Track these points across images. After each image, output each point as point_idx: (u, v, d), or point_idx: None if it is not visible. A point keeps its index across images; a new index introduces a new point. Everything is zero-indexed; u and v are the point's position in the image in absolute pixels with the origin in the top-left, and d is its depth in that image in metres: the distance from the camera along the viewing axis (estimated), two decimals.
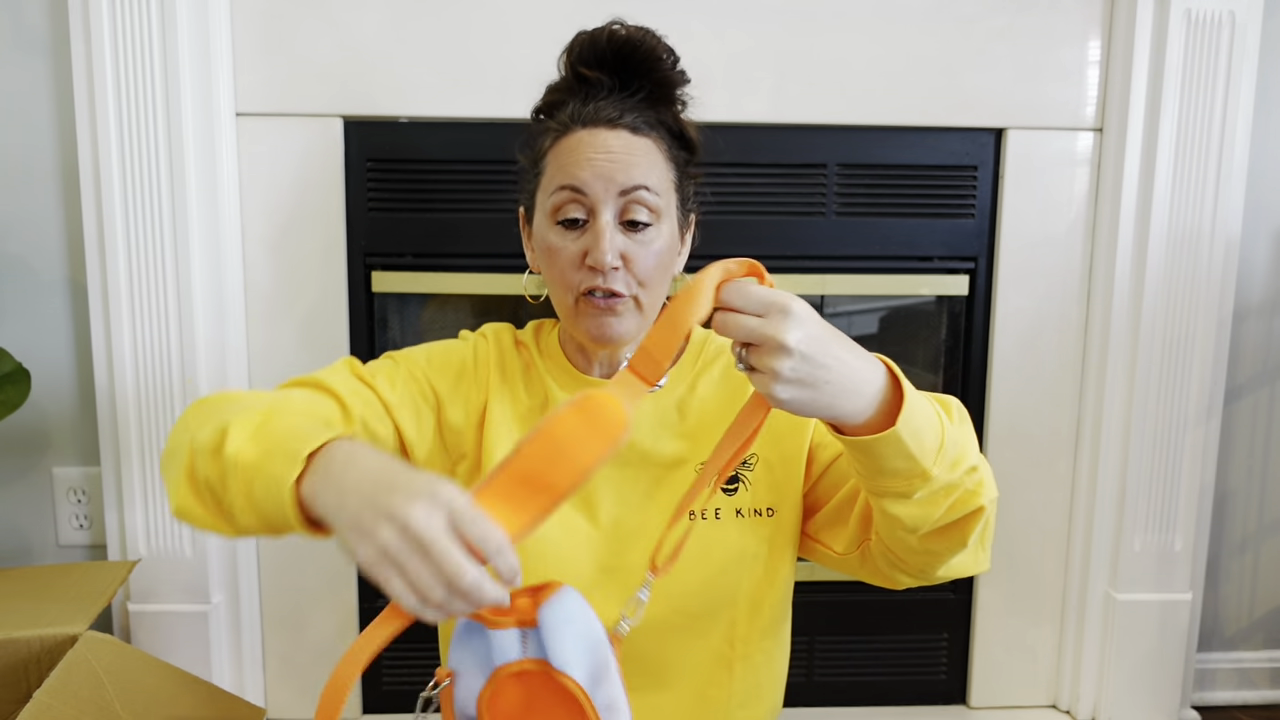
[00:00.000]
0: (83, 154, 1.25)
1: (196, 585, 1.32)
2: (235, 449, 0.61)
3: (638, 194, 0.77)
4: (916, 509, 0.66)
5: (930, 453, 0.63)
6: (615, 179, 0.76)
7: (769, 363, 0.59)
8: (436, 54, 1.29)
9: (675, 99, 0.84)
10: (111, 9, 1.20)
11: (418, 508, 0.51)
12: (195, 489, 0.64)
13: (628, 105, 0.80)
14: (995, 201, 1.39)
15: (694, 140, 0.85)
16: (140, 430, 1.28)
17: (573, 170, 0.77)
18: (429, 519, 0.51)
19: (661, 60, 0.81)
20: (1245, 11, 1.29)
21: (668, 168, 0.81)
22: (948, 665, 1.51)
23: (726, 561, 0.80)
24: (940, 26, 1.33)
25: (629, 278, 0.78)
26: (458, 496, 0.53)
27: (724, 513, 0.82)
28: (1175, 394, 1.37)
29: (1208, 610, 1.55)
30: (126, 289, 1.25)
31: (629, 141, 0.78)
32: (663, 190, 0.79)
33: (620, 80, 0.82)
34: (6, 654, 1.00)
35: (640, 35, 0.81)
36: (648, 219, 0.78)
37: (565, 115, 0.81)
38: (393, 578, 0.52)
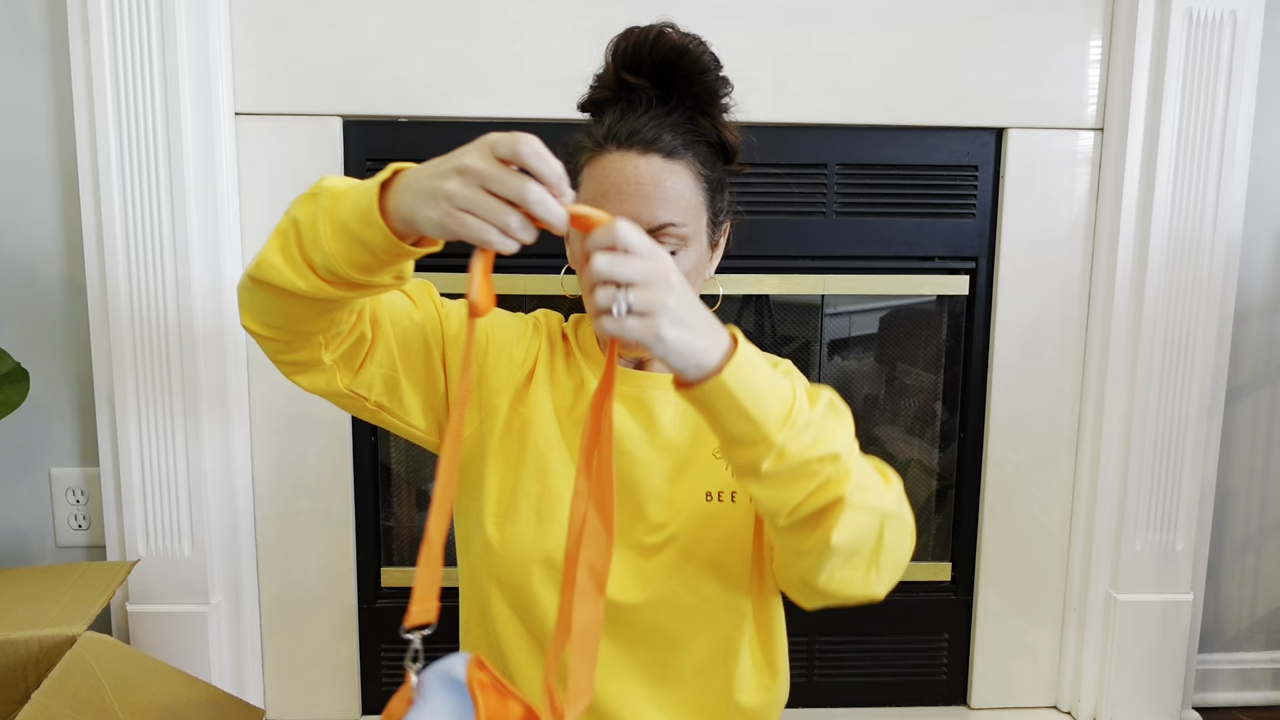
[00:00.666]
0: (82, 154, 1.24)
1: (196, 585, 1.32)
2: (330, 183, 0.67)
3: (664, 230, 0.79)
4: (771, 490, 0.65)
5: (773, 418, 0.62)
6: (641, 216, 0.77)
7: (658, 299, 0.57)
8: (436, 54, 1.29)
9: (719, 108, 0.84)
10: (110, 9, 1.20)
11: (470, 155, 0.58)
12: (283, 239, 0.68)
13: (666, 123, 0.80)
14: (996, 201, 1.39)
15: (733, 146, 0.86)
16: (140, 430, 1.28)
17: (601, 200, 0.79)
18: (482, 158, 0.58)
19: (707, 71, 0.81)
20: (1246, 11, 1.29)
21: (698, 190, 0.82)
22: (948, 666, 1.51)
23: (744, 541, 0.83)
24: (940, 26, 1.33)
25: None
26: (504, 138, 0.58)
27: (739, 496, 0.84)
28: (1176, 394, 1.37)
29: (1209, 611, 1.55)
30: (126, 289, 1.25)
31: (659, 171, 0.79)
32: (689, 218, 0.80)
33: (662, 91, 0.82)
34: (5, 654, 1.00)
35: (687, 44, 0.80)
36: (673, 247, 0.80)
37: (602, 130, 0.81)
38: (468, 220, 0.58)
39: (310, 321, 0.71)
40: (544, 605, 0.82)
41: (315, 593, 1.39)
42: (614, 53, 0.83)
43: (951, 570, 1.50)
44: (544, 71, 1.30)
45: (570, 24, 1.29)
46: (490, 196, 0.57)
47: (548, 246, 0.93)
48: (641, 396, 0.86)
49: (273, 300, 0.70)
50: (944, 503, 1.51)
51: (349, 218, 0.64)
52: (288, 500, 1.37)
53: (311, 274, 0.66)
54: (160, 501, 1.30)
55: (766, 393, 0.62)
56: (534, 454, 0.84)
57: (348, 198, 0.65)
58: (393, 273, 0.67)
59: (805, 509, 0.66)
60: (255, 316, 0.73)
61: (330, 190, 0.66)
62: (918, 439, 1.52)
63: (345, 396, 0.80)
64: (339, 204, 0.65)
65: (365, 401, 0.82)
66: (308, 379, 0.78)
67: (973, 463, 1.46)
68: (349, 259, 0.64)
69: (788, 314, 1.47)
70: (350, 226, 0.63)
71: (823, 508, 0.66)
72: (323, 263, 0.65)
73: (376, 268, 0.65)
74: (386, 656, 1.43)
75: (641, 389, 0.87)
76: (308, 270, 0.66)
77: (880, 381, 1.52)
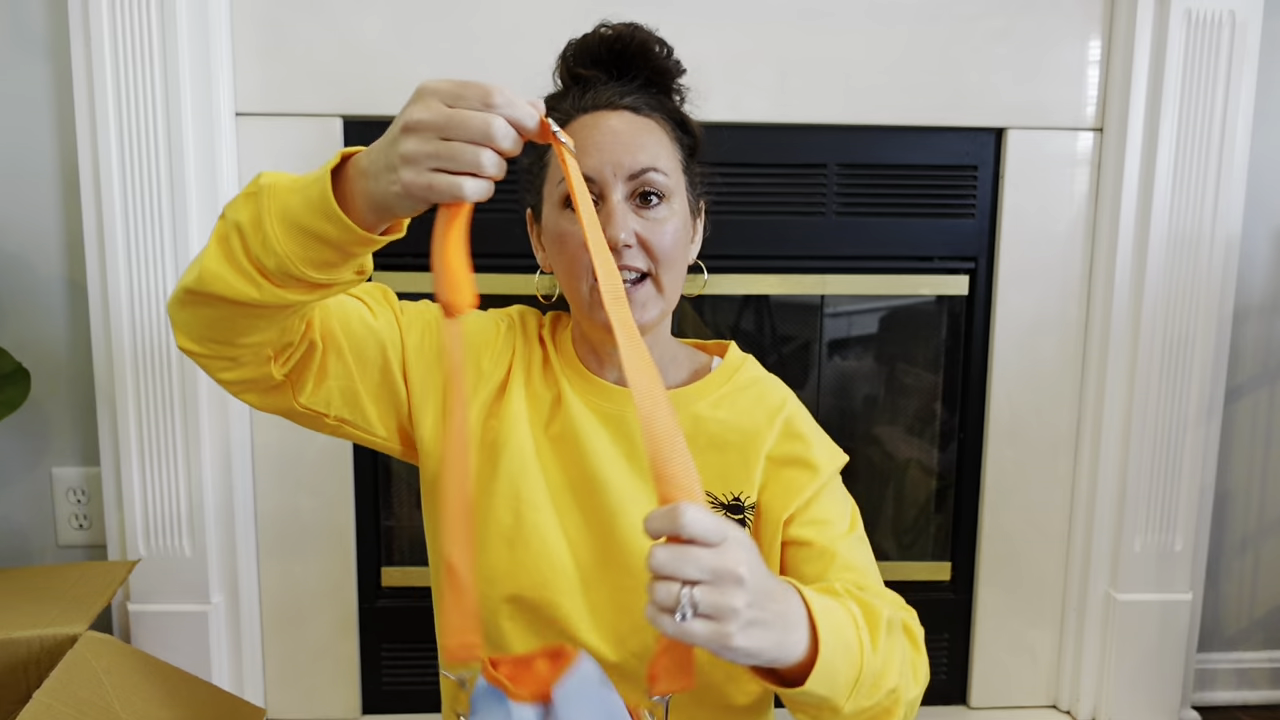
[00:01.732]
0: (82, 154, 1.24)
1: (196, 585, 1.32)
2: (270, 180, 0.61)
3: (647, 175, 0.76)
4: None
5: (844, 688, 0.60)
6: (623, 162, 0.75)
7: (728, 602, 0.49)
8: (437, 54, 1.29)
9: (673, 89, 0.84)
10: (111, 9, 1.20)
11: (415, 110, 0.54)
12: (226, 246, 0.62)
13: (629, 90, 0.80)
14: (995, 201, 1.39)
15: (696, 130, 0.85)
16: (140, 431, 1.28)
17: (580, 159, 0.74)
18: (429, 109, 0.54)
19: (654, 51, 0.81)
20: (1245, 11, 1.29)
21: (674, 149, 0.80)
22: (948, 665, 1.51)
23: None
24: (940, 26, 1.33)
25: (645, 256, 0.76)
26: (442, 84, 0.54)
27: None
28: (1175, 394, 1.37)
29: (1208, 610, 1.55)
30: (126, 289, 1.25)
31: (633, 122, 0.78)
32: (671, 171, 0.78)
33: (617, 72, 0.82)
34: (6, 654, 1.00)
35: (629, 30, 0.81)
36: (658, 199, 0.77)
37: (565, 107, 0.81)
38: (435, 178, 0.54)
39: (258, 333, 0.65)
40: (510, 644, 0.77)
41: (315, 593, 1.39)
42: (562, 60, 0.84)
43: (951, 570, 1.50)
44: (544, 71, 1.30)
45: (571, 24, 1.29)
46: (453, 143, 0.53)
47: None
48: (620, 413, 0.81)
49: (215, 313, 0.64)
50: (943, 502, 1.51)
51: (301, 214, 0.58)
52: (288, 500, 1.37)
53: (264, 280, 0.60)
54: (160, 501, 1.30)
55: (841, 668, 0.60)
56: (506, 480, 0.78)
57: (295, 193, 0.59)
58: (354, 268, 0.63)
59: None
60: (193, 334, 0.67)
61: (272, 187, 0.60)
62: (918, 439, 1.52)
63: (302, 414, 0.76)
64: (286, 201, 0.59)
65: (324, 418, 0.77)
66: (259, 398, 0.73)
67: (972, 462, 1.46)
68: (306, 258, 0.59)
69: (787, 314, 1.47)
70: (304, 223, 0.58)
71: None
72: (276, 266, 0.59)
73: (338, 263, 0.61)
74: (387, 656, 1.43)
75: (621, 405, 0.81)
76: (259, 277, 0.60)
77: (880, 381, 1.52)
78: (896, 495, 1.54)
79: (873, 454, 1.54)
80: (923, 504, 1.53)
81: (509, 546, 0.77)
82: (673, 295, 0.80)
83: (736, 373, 0.86)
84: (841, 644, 0.60)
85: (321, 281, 0.61)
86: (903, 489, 1.54)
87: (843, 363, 1.51)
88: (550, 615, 0.77)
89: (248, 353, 0.68)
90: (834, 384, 1.50)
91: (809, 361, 1.48)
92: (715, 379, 0.85)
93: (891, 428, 1.53)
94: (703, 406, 0.82)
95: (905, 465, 1.53)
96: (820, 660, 0.58)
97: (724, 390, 0.84)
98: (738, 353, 0.89)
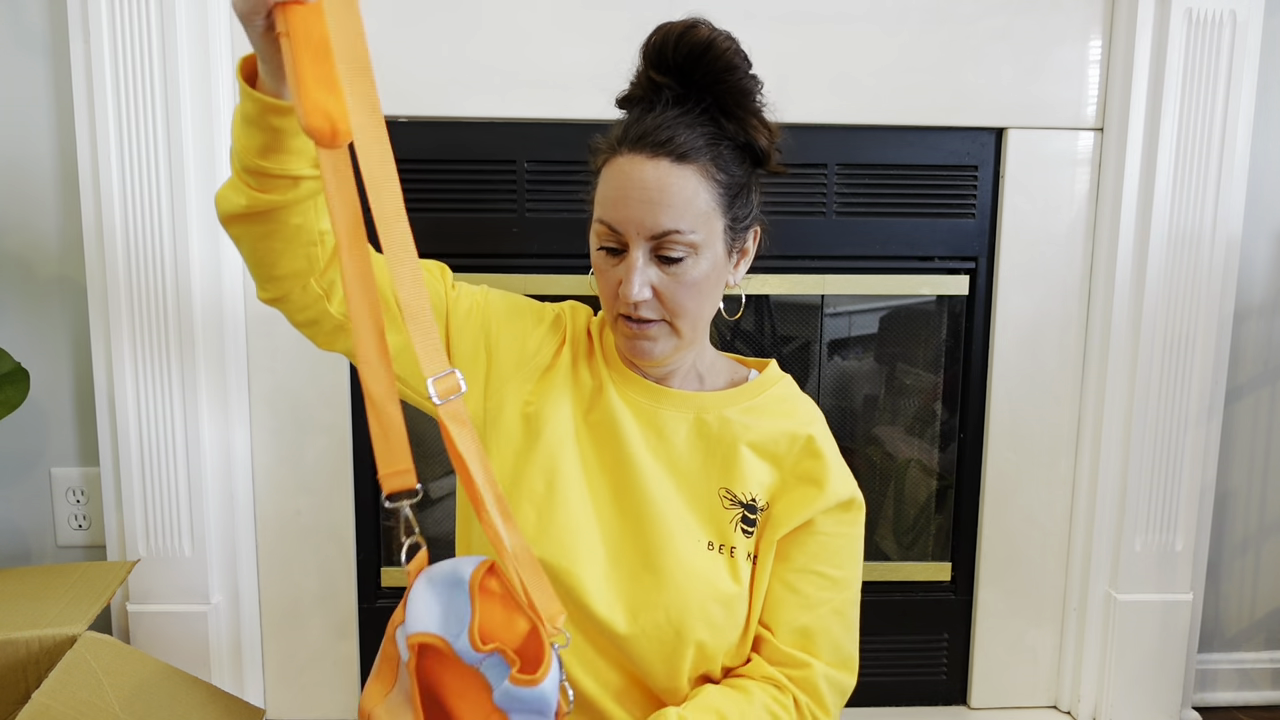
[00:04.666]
0: (82, 154, 1.24)
1: (196, 585, 1.32)
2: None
3: (669, 237, 0.77)
4: None
5: None
6: (645, 222, 0.76)
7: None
8: (436, 54, 1.29)
9: (748, 109, 0.80)
10: (111, 9, 1.20)
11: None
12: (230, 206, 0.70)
13: (681, 123, 0.77)
14: (995, 201, 1.39)
15: (764, 150, 0.82)
16: (139, 430, 1.28)
17: (610, 208, 0.78)
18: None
19: (734, 69, 0.79)
20: (1246, 11, 1.29)
21: (711, 195, 0.78)
22: (948, 666, 1.51)
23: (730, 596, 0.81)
24: (940, 26, 1.33)
25: (660, 308, 0.79)
26: None
27: (739, 552, 0.83)
28: (1176, 394, 1.37)
29: (1208, 611, 1.55)
30: (125, 289, 1.25)
31: (666, 175, 0.76)
32: (699, 224, 0.77)
33: (685, 89, 0.79)
34: (5, 654, 1.00)
35: (713, 39, 0.78)
36: (681, 254, 0.78)
37: (618, 131, 0.80)
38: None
39: (283, 258, 0.72)
40: None
41: (315, 593, 1.39)
42: (643, 49, 0.81)
43: (951, 570, 1.50)
44: (545, 71, 1.30)
45: (571, 24, 1.29)
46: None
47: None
48: (655, 410, 0.85)
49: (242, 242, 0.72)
50: (944, 502, 1.51)
51: (237, 111, 0.65)
52: (288, 500, 1.37)
53: (243, 186, 0.67)
54: (160, 501, 1.30)
55: None
56: (545, 452, 0.82)
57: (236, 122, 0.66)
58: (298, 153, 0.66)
59: None
60: (253, 273, 0.75)
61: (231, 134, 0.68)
62: (918, 439, 1.52)
63: None
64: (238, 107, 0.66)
65: None
66: (327, 339, 0.79)
67: (972, 462, 1.46)
68: (250, 147, 0.65)
69: (788, 314, 1.47)
70: (239, 114, 0.65)
71: None
72: (240, 166, 0.67)
73: (277, 147, 0.65)
74: None
75: (657, 402, 0.85)
76: (240, 184, 0.68)
77: (880, 381, 1.52)
78: (896, 495, 1.54)
79: (873, 454, 1.54)
80: (923, 504, 1.53)
81: (538, 513, 0.81)
82: (692, 333, 0.83)
83: (772, 387, 0.89)
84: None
85: (276, 171, 0.66)
86: (903, 489, 1.53)
87: (843, 363, 1.51)
88: (568, 584, 0.79)
89: (292, 286, 0.74)
90: (834, 384, 1.50)
91: (809, 361, 1.48)
92: (750, 389, 0.89)
93: (891, 428, 1.53)
94: (733, 411, 0.86)
95: (905, 465, 1.53)
96: None
97: (756, 401, 0.87)
98: (776, 370, 0.92)
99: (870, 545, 1.57)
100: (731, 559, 0.82)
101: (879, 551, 1.55)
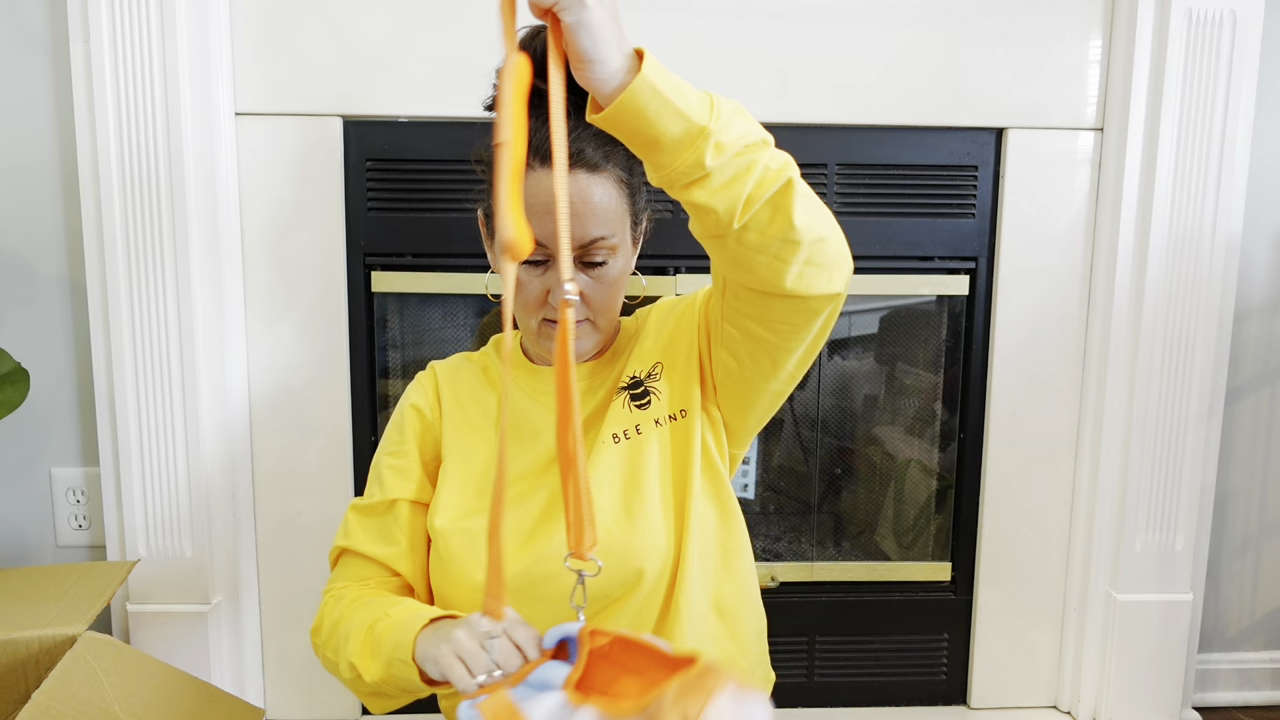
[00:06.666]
0: (82, 153, 1.24)
1: (196, 585, 1.32)
2: (370, 678, 0.79)
3: (595, 244, 0.81)
4: (719, 189, 0.67)
5: (699, 109, 0.65)
6: (573, 234, 0.80)
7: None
8: (436, 54, 1.29)
9: None
10: (111, 9, 1.20)
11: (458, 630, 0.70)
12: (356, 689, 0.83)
13: (586, 134, 0.80)
14: (995, 201, 1.39)
15: None
16: (140, 430, 1.28)
17: (532, 220, 0.78)
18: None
19: None
20: (1246, 11, 1.29)
21: (621, 198, 0.83)
22: (948, 665, 1.51)
23: (661, 471, 0.85)
24: (940, 26, 1.33)
25: (586, 308, 0.85)
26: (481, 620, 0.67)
27: (644, 426, 0.86)
28: (1176, 394, 1.37)
29: (1209, 611, 1.55)
30: (126, 288, 1.25)
31: (587, 187, 0.80)
32: (617, 228, 0.83)
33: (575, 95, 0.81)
34: (6, 654, 1.00)
35: None
36: (604, 258, 0.83)
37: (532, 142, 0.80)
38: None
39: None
40: None
41: (315, 593, 1.39)
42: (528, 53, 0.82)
43: (951, 570, 1.50)
44: None
45: None
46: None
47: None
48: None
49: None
50: (944, 503, 1.51)
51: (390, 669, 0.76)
52: (288, 500, 1.37)
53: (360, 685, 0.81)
54: (160, 501, 1.30)
55: (684, 86, 0.65)
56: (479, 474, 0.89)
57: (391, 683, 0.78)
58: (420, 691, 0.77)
59: (759, 198, 0.68)
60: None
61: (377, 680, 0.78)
62: (918, 439, 1.52)
63: None
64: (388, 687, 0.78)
65: None
66: None
67: (973, 463, 1.46)
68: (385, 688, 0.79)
69: None
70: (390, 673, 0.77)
71: (776, 193, 0.68)
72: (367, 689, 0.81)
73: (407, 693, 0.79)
74: None
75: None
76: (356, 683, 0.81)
77: (880, 381, 1.52)
78: (896, 495, 1.54)
79: (873, 454, 1.54)
80: (923, 504, 1.53)
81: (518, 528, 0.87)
82: (609, 326, 0.89)
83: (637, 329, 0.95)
84: (671, 75, 0.65)
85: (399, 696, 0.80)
86: (903, 489, 1.53)
87: (843, 363, 1.51)
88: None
89: None
90: (834, 384, 1.50)
91: None
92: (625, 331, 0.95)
93: (891, 428, 1.53)
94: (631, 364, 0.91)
95: (905, 465, 1.53)
96: (647, 57, 0.63)
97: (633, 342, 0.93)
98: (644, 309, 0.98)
99: (870, 545, 1.57)
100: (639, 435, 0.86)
101: (879, 551, 1.55)
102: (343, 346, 1.35)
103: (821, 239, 0.71)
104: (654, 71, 0.63)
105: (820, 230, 0.71)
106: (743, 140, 0.67)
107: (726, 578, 0.88)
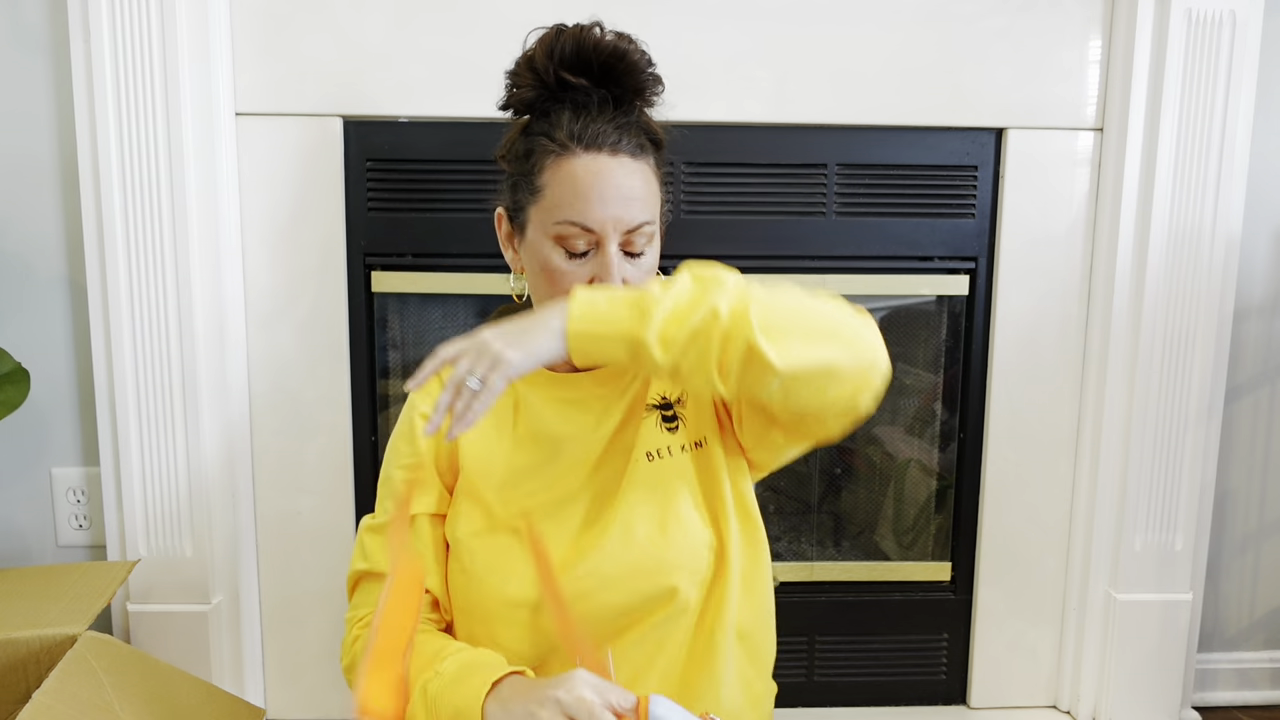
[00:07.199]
0: (82, 153, 1.24)
1: (196, 585, 1.32)
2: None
3: (641, 229, 0.81)
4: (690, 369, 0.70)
5: (625, 322, 0.70)
6: (621, 219, 0.80)
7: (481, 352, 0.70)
8: (436, 54, 1.29)
9: (651, 103, 0.87)
10: (111, 9, 1.20)
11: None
12: None
13: (623, 125, 0.82)
14: (995, 201, 1.39)
15: (661, 138, 0.88)
16: (140, 430, 1.28)
17: (582, 208, 0.79)
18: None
19: (643, 71, 0.84)
20: (1246, 11, 1.29)
21: (659, 185, 0.85)
22: (948, 665, 1.51)
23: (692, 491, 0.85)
24: (940, 26, 1.33)
25: None
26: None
27: (674, 449, 0.86)
28: (1176, 394, 1.37)
29: (1208, 610, 1.55)
30: (126, 288, 1.25)
31: (631, 173, 0.81)
32: (656, 214, 0.84)
33: (604, 90, 0.84)
34: (6, 654, 1.00)
35: (626, 45, 0.83)
36: (644, 245, 0.83)
37: (562, 133, 0.81)
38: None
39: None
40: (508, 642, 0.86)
41: (315, 593, 1.39)
42: (551, 52, 0.83)
43: (951, 570, 1.50)
44: None
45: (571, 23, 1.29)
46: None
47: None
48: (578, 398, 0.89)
49: None
50: (944, 502, 1.51)
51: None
52: (288, 500, 1.37)
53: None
54: (160, 501, 1.30)
55: (608, 311, 0.70)
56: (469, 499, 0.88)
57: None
58: None
59: (730, 364, 0.70)
60: None
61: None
62: (918, 439, 1.52)
63: None
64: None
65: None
66: None
67: (972, 462, 1.46)
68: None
69: None
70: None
71: (743, 355, 0.69)
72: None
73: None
74: None
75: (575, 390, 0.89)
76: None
77: None
78: (896, 495, 1.54)
79: (873, 454, 1.54)
80: (923, 504, 1.53)
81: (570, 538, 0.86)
82: None
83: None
84: (604, 299, 0.72)
85: None
86: (903, 489, 1.54)
87: None
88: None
89: None
90: None
91: None
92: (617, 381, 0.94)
93: (891, 428, 1.53)
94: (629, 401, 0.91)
95: (905, 465, 1.53)
96: (570, 306, 0.71)
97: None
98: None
99: (870, 545, 1.57)
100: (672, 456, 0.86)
101: (879, 551, 1.55)
102: (343, 346, 1.35)
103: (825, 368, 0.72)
104: (578, 324, 0.70)
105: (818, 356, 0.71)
106: (685, 325, 0.69)
107: (748, 602, 0.88)
